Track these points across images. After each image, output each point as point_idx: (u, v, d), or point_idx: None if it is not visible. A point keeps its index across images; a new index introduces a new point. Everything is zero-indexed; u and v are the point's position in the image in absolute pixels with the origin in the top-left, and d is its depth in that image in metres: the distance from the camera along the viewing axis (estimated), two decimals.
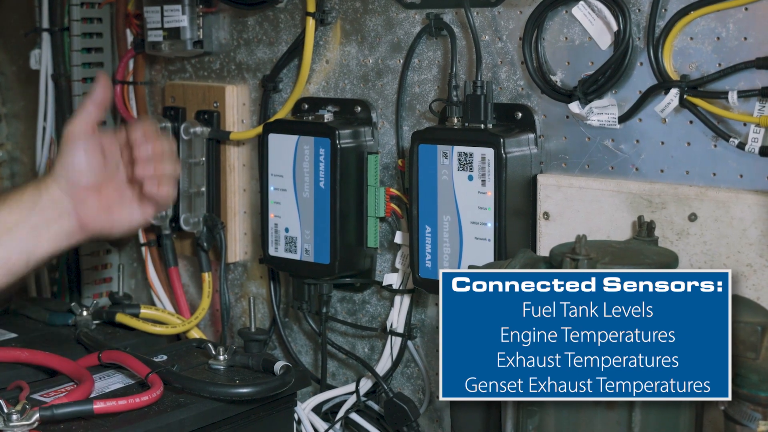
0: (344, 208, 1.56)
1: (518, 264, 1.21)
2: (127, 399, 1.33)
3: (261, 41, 1.72)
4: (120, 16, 1.89)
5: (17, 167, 2.15)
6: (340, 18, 1.63)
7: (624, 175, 1.39)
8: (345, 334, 1.68)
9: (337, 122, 1.58)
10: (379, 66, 1.60)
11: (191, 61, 1.82)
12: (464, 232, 1.43)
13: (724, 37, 1.30)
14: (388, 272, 1.60)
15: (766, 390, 1.10)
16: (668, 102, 1.33)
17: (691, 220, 1.32)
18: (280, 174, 1.60)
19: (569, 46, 1.42)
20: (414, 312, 1.58)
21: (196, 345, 1.60)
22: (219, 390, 1.41)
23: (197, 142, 1.75)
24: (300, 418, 1.63)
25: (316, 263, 1.58)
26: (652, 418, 1.13)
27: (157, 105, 1.88)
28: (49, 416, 1.29)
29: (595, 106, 1.38)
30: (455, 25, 1.50)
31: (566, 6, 1.41)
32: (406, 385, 1.62)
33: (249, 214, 1.77)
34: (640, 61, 1.36)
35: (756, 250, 1.28)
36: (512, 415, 1.16)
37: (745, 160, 1.30)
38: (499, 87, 1.48)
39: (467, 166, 1.42)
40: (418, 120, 1.56)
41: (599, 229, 1.38)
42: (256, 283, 1.79)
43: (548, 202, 1.42)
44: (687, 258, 1.32)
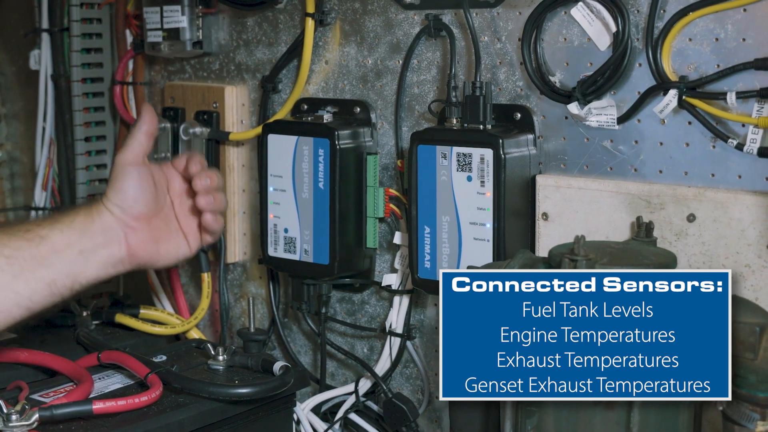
0: (343, 209, 1.56)
1: (517, 265, 1.21)
2: (126, 399, 1.34)
3: (260, 42, 1.72)
4: (119, 17, 1.89)
5: (17, 167, 2.15)
6: (340, 19, 1.63)
7: (623, 176, 1.39)
8: (344, 334, 1.68)
9: (336, 123, 1.58)
10: (378, 67, 1.60)
11: (191, 62, 1.82)
12: (463, 233, 1.43)
13: (723, 38, 1.30)
14: (387, 273, 1.60)
15: (765, 390, 1.10)
16: (667, 103, 1.33)
17: (689, 220, 1.32)
18: (279, 174, 1.60)
19: (568, 47, 1.42)
20: (413, 312, 1.58)
21: (196, 345, 1.60)
22: (218, 390, 1.41)
23: (196, 142, 1.76)
24: (299, 419, 1.63)
25: (315, 264, 1.58)
26: (651, 418, 1.13)
27: (157, 105, 1.87)
28: (49, 416, 1.30)
29: (594, 106, 1.39)
30: (454, 26, 1.50)
31: (565, 7, 1.41)
32: (405, 386, 1.62)
33: (248, 215, 1.77)
34: (638, 62, 1.36)
35: (754, 251, 1.28)
36: (511, 416, 1.16)
37: (743, 161, 1.30)
38: (498, 88, 1.48)
39: (466, 166, 1.42)
40: (417, 121, 1.56)
41: (598, 230, 1.38)
42: (255, 283, 1.79)
43: (547, 202, 1.42)
44: (686, 259, 1.32)
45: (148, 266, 1.46)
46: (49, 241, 1.35)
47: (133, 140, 1.44)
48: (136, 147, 1.43)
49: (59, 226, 1.37)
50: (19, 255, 1.32)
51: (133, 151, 1.43)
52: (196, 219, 1.48)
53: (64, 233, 1.36)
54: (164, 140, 1.79)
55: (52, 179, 2.01)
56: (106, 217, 1.40)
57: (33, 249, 1.34)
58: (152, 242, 1.43)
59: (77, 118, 1.92)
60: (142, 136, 1.44)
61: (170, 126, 1.79)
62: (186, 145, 1.76)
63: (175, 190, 1.49)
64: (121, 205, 1.41)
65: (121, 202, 1.41)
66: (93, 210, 1.41)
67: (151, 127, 1.45)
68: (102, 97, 1.95)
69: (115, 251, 1.40)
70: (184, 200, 1.48)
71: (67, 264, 1.35)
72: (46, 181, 2.01)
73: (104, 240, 1.39)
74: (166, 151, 1.78)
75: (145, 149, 1.44)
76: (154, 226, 1.44)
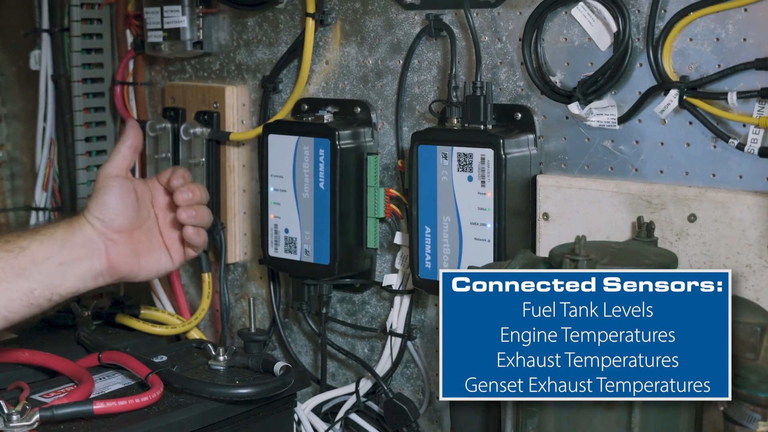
0: (344, 209, 1.56)
1: (518, 265, 1.21)
2: (127, 399, 1.34)
3: (261, 42, 1.72)
4: (120, 17, 1.89)
5: (17, 168, 2.15)
6: (340, 19, 1.63)
7: (623, 176, 1.39)
8: (345, 334, 1.68)
9: (336, 123, 1.58)
10: (378, 67, 1.60)
11: (191, 62, 1.82)
12: (464, 233, 1.43)
13: (724, 38, 1.30)
14: (388, 273, 1.60)
15: (765, 391, 1.10)
16: (668, 103, 1.33)
17: (690, 220, 1.32)
18: (279, 175, 1.60)
19: (569, 47, 1.42)
20: (414, 313, 1.58)
21: (196, 345, 1.60)
22: (219, 390, 1.41)
23: (197, 142, 1.76)
24: (300, 419, 1.63)
25: (315, 264, 1.58)
26: (651, 418, 1.13)
27: (157, 106, 1.88)
28: (49, 417, 1.30)
29: (595, 106, 1.39)
30: (455, 26, 1.50)
31: (566, 7, 1.41)
32: (406, 386, 1.62)
33: (249, 215, 1.77)
34: (639, 62, 1.36)
35: (755, 251, 1.28)
36: (512, 416, 1.16)
37: (744, 161, 1.30)
38: (499, 88, 1.48)
39: (467, 166, 1.42)
40: (418, 121, 1.56)
41: (599, 230, 1.38)
42: (255, 283, 1.79)
43: (548, 202, 1.42)
44: (686, 259, 1.32)
45: (129, 279, 1.47)
46: (29, 252, 1.35)
47: (117, 154, 1.45)
48: (119, 160, 1.44)
49: (40, 237, 1.37)
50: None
51: (116, 164, 1.44)
52: (179, 233, 1.49)
53: (44, 245, 1.37)
54: (165, 140, 1.79)
55: (52, 179, 2.01)
56: (87, 230, 1.40)
57: (12, 259, 1.34)
58: (133, 255, 1.44)
59: (77, 119, 1.92)
60: (126, 150, 1.45)
61: (171, 126, 1.79)
62: (186, 146, 1.76)
63: (159, 204, 1.50)
64: (102, 218, 1.41)
65: (102, 215, 1.41)
66: (74, 222, 1.41)
67: (135, 142, 1.46)
68: (102, 98, 1.95)
69: (95, 264, 1.40)
70: (167, 214, 1.50)
71: (47, 275, 1.36)
72: (47, 182, 2.01)
73: (85, 252, 1.39)
74: (167, 152, 1.78)
75: (128, 163, 1.45)
76: (135, 240, 1.45)
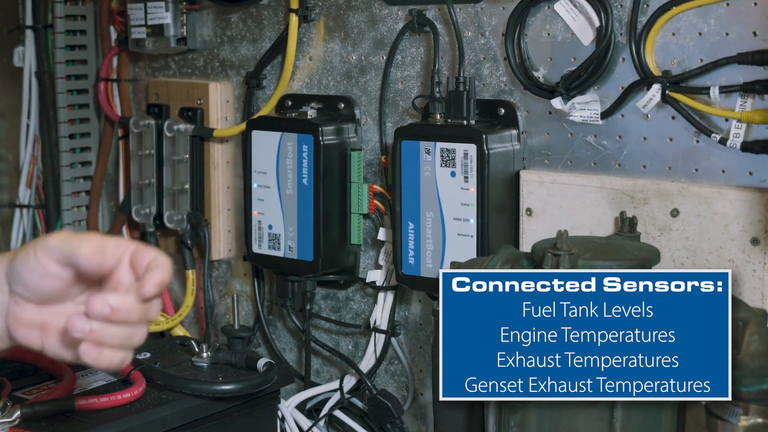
0: (327, 205, 1.56)
1: (500, 260, 1.21)
2: (108, 396, 1.33)
3: (244, 38, 1.72)
4: (104, 14, 1.88)
5: (1, 165, 2.14)
6: (324, 15, 1.63)
7: (606, 171, 1.39)
8: (329, 331, 1.68)
9: (320, 119, 1.58)
10: (362, 62, 1.59)
11: (175, 58, 1.82)
12: (447, 229, 1.43)
13: (706, 33, 1.30)
14: (372, 269, 1.60)
15: (748, 385, 1.10)
16: (650, 98, 1.33)
17: (673, 215, 1.32)
18: (263, 171, 1.60)
19: (552, 42, 1.42)
20: (397, 309, 1.58)
21: (180, 342, 1.60)
22: (202, 387, 1.41)
23: (181, 139, 1.75)
24: (284, 416, 1.62)
25: (299, 260, 1.58)
26: (633, 415, 1.13)
27: (141, 102, 1.87)
28: (31, 413, 1.29)
29: (578, 101, 1.38)
30: (438, 22, 1.50)
31: (549, 2, 1.41)
32: (390, 382, 1.62)
33: (233, 212, 1.77)
34: (622, 57, 1.36)
35: (738, 246, 1.28)
36: (495, 412, 1.15)
37: (727, 156, 1.30)
38: (482, 83, 1.48)
39: (450, 162, 1.42)
40: (402, 116, 1.56)
41: (582, 225, 1.38)
42: (240, 280, 1.78)
43: (531, 198, 1.42)
44: (669, 254, 1.32)
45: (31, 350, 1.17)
46: None
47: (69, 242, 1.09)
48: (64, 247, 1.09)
49: None
50: None
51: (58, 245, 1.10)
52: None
53: None
54: (148, 137, 1.78)
55: (36, 177, 2.00)
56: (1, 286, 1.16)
57: None
58: (38, 329, 1.15)
59: (61, 116, 1.91)
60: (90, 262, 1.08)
61: (154, 123, 1.78)
62: (170, 142, 1.75)
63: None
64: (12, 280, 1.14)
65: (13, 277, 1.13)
66: None
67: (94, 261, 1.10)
68: (86, 94, 1.95)
69: None
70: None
71: None
72: (31, 179, 2.00)
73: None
74: (151, 148, 1.78)
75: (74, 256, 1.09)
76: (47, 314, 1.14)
